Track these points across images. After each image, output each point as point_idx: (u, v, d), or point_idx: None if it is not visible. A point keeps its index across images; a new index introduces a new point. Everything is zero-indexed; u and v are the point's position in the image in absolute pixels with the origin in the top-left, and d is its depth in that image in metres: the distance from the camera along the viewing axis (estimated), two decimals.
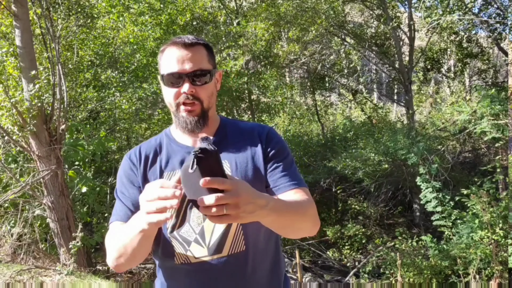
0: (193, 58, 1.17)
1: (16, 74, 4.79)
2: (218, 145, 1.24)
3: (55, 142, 4.63)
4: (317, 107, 12.56)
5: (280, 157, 1.25)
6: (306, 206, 1.16)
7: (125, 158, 1.29)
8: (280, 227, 1.10)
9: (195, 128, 1.20)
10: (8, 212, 5.26)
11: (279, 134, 1.33)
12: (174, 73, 1.16)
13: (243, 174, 1.21)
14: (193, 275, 1.20)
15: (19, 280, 4.03)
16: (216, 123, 1.30)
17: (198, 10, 8.04)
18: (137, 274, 6.24)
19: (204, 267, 1.19)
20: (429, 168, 5.97)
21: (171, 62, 1.17)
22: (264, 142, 1.26)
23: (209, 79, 1.20)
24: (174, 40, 1.20)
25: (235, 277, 1.19)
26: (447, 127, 8.53)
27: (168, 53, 1.19)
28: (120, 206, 1.22)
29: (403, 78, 9.98)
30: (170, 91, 1.19)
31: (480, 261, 4.65)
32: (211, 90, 1.22)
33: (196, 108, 1.19)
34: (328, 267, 7.08)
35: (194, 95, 1.18)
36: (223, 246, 1.18)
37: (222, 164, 0.87)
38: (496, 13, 9.25)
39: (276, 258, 1.30)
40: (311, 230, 1.20)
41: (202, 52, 1.20)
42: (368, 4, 10.66)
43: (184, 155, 1.23)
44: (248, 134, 1.28)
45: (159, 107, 8.75)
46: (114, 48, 7.72)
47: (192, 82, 1.17)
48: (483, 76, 12.22)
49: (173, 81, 1.17)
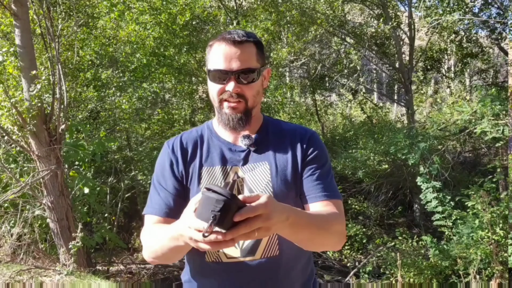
0: (241, 56, 1.14)
1: (16, 74, 4.78)
2: (259, 143, 1.23)
3: (55, 142, 4.63)
4: (317, 107, 12.55)
5: (317, 164, 1.21)
6: (331, 221, 1.11)
7: (165, 146, 1.27)
8: (299, 241, 1.07)
9: (237, 125, 1.18)
10: (8, 212, 5.25)
11: (321, 139, 1.29)
12: (221, 70, 1.14)
13: (282, 177, 1.18)
14: (223, 274, 1.18)
15: (19, 280, 4.03)
16: (259, 121, 1.27)
17: (198, 9, 8.03)
18: (137, 274, 6.24)
19: (235, 267, 1.16)
20: (430, 168, 5.96)
21: (218, 58, 1.14)
22: (306, 146, 1.23)
23: (256, 77, 1.17)
24: (224, 35, 1.16)
25: (266, 280, 1.17)
26: (447, 127, 8.53)
27: (217, 49, 1.16)
28: (156, 198, 1.20)
29: (403, 78, 9.97)
30: (215, 86, 1.17)
31: (480, 261, 4.64)
32: (257, 89, 1.19)
33: (240, 105, 1.17)
34: (328, 267, 7.06)
35: (239, 93, 1.16)
36: (257, 249, 1.16)
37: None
38: (496, 13, 9.25)
39: (308, 264, 1.28)
40: (335, 246, 1.17)
41: (251, 49, 1.17)
42: (368, 4, 10.65)
43: (224, 151, 1.22)
44: (290, 135, 1.25)
45: (159, 107, 8.74)
46: (114, 48, 7.71)
47: (238, 81, 1.14)
48: (483, 76, 12.22)
49: (219, 77, 1.15)
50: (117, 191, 6.95)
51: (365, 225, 8.50)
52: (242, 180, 1.19)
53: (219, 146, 1.23)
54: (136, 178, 7.30)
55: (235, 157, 1.21)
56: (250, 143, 1.22)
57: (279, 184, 1.17)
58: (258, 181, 1.18)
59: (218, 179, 1.18)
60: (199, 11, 8.10)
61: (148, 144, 8.35)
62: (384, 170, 8.59)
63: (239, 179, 1.19)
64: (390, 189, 8.87)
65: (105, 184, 6.60)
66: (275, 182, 1.17)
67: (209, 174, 1.19)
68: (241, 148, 1.22)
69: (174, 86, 8.66)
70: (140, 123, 8.38)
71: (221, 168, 1.20)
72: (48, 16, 4.75)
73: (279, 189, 1.17)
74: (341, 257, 7.64)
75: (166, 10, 7.63)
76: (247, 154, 1.22)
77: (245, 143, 1.22)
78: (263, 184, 1.17)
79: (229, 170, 1.19)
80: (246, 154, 1.22)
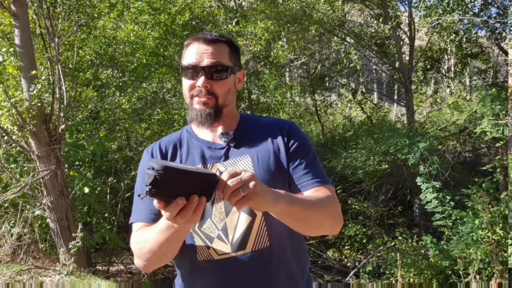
0: (212, 53, 1.17)
1: (16, 74, 4.78)
2: (238, 139, 1.24)
3: (54, 142, 4.63)
4: (317, 107, 12.55)
5: (302, 153, 1.23)
6: (325, 202, 1.13)
7: (145, 153, 1.29)
8: (294, 221, 1.08)
9: (204, 120, 1.19)
10: (8, 212, 5.25)
11: (301, 129, 1.31)
12: (191, 65, 1.17)
13: (265, 168, 1.19)
14: (216, 272, 1.18)
15: (19, 280, 4.03)
16: (235, 120, 1.29)
17: (197, 9, 8.02)
18: (137, 274, 6.24)
19: (227, 264, 1.16)
20: (430, 168, 5.96)
21: (191, 55, 1.19)
22: (286, 137, 1.24)
23: (227, 75, 1.19)
24: (198, 35, 1.22)
25: (259, 274, 1.17)
26: (447, 127, 8.53)
27: (190, 47, 1.21)
28: (140, 206, 1.20)
29: (403, 78, 9.96)
30: (186, 82, 1.21)
31: (480, 261, 4.65)
32: (228, 87, 1.21)
33: (210, 101, 1.18)
34: (328, 267, 7.06)
35: (209, 90, 1.18)
36: (247, 242, 1.16)
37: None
38: (496, 13, 9.24)
39: (301, 255, 1.28)
40: (332, 227, 1.18)
41: (223, 48, 1.20)
42: (367, 4, 10.65)
43: (204, 149, 1.24)
44: (270, 128, 1.27)
45: (158, 107, 8.74)
46: (114, 47, 7.71)
47: (209, 77, 1.17)
48: (483, 76, 12.22)
49: (190, 73, 1.18)
50: (117, 191, 6.94)
51: (365, 225, 8.50)
52: None
53: (199, 146, 1.25)
54: (136, 178, 7.28)
55: (215, 154, 1.23)
56: (229, 139, 1.24)
57: (262, 175, 1.18)
58: None
59: None
60: (199, 11, 8.09)
61: (148, 144, 8.35)
62: (384, 170, 8.59)
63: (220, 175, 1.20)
64: (390, 189, 8.87)
65: (105, 184, 6.60)
66: (258, 174, 1.18)
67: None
68: (221, 145, 1.24)
69: (174, 86, 8.66)
70: (140, 123, 8.38)
71: (202, 166, 1.21)
72: (48, 16, 4.75)
73: (263, 180, 1.16)
74: (341, 257, 7.65)
75: (166, 10, 7.62)
76: (227, 150, 1.23)
77: (224, 140, 1.24)
78: None
79: (210, 167, 1.20)
80: (226, 150, 1.23)
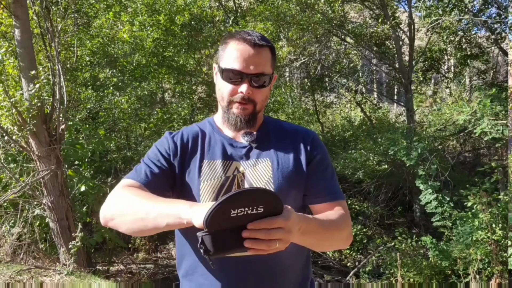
0: (258, 60, 1.15)
1: (15, 74, 4.78)
2: (260, 140, 1.24)
3: (54, 142, 4.63)
4: (317, 107, 12.54)
5: (323, 165, 1.24)
6: (340, 225, 1.14)
7: (166, 134, 1.27)
8: (308, 245, 1.12)
9: (244, 127, 1.20)
10: (8, 212, 5.25)
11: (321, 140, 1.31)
12: (236, 70, 1.14)
13: (284, 174, 1.19)
14: (219, 272, 1.17)
15: (19, 280, 4.03)
16: (259, 120, 1.29)
17: (196, 10, 8.02)
18: (137, 274, 6.24)
19: (232, 264, 1.16)
20: (429, 169, 5.96)
21: (235, 58, 1.14)
22: (310, 147, 1.24)
23: (267, 83, 1.19)
24: (243, 35, 1.16)
25: (264, 277, 1.17)
26: (447, 127, 8.53)
27: (234, 48, 1.16)
28: (142, 167, 1.18)
29: (403, 78, 9.96)
30: (226, 85, 1.18)
31: (480, 261, 4.65)
32: (266, 94, 1.22)
33: (249, 108, 1.18)
34: (328, 267, 7.06)
35: (250, 97, 1.17)
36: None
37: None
38: (496, 13, 9.24)
39: (306, 261, 1.29)
40: (343, 246, 1.22)
41: (268, 54, 1.18)
42: (367, 4, 10.65)
43: (225, 145, 1.23)
44: (292, 135, 1.27)
45: (158, 107, 8.74)
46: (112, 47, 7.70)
47: (251, 84, 1.15)
48: (483, 76, 12.21)
49: (232, 78, 1.16)
50: None
51: (365, 225, 8.50)
52: (243, 175, 1.19)
53: (221, 141, 1.24)
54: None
55: (236, 152, 1.23)
56: (252, 139, 1.23)
57: (280, 181, 1.18)
58: (259, 177, 1.19)
59: (218, 173, 1.19)
60: (198, 11, 8.09)
61: (147, 144, 8.35)
62: (383, 170, 8.58)
63: (239, 174, 1.19)
64: (390, 189, 8.87)
65: (104, 184, 6.60)
66: (277, 179, 1.18)
67: (209, 167, 1.20)
68: (243, 144, 1.24)
69: (173, 86, 8.66)
70: (139, 123, 8.38)
71: (222, 162, 1.20)
72: (47, 16, 4.75)
73: (280, 186, 1.17)
74: (341, 257, 7.64)
75: (165, 11, 7.62)
76: (248, 150, 1.23)
77: (246, 139, 1.23)
78: (264, 180, 1.18)
79: (230, 165, 1.20)
80: (248, 150, 1.23)
